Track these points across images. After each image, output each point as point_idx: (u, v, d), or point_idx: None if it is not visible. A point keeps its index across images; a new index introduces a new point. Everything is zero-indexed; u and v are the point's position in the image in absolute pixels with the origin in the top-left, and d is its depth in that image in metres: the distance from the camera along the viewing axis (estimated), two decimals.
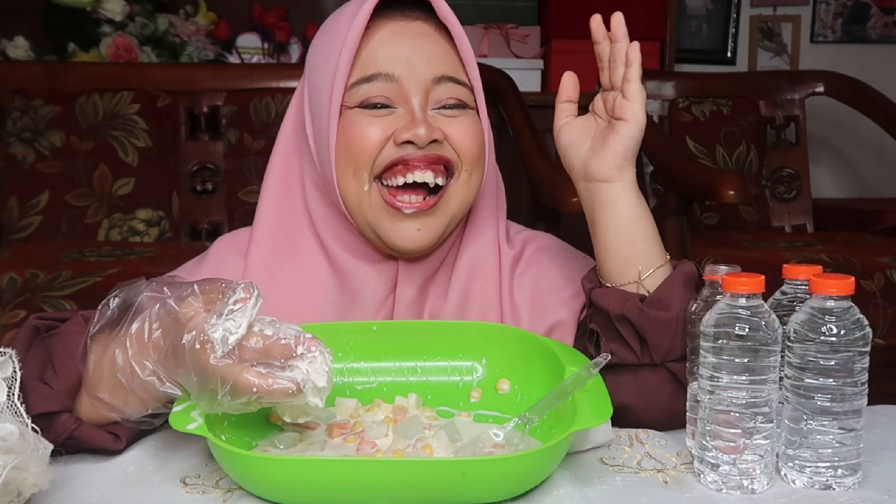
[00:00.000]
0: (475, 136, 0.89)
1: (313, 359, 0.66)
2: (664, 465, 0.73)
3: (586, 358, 0.78)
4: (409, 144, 0.85)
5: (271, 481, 0.63)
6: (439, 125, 0.86)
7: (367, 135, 0.86)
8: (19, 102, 2.20)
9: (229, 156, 2.30)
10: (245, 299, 0.66)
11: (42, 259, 1.82)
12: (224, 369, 0.64)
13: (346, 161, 0.87)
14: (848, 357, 0.66)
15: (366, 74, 0.86)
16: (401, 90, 0.86)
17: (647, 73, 2.75)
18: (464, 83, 0.89)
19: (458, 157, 0.88)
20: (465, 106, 0.89)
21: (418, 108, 0.86)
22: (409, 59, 0.86)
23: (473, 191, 0.90)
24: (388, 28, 0.87)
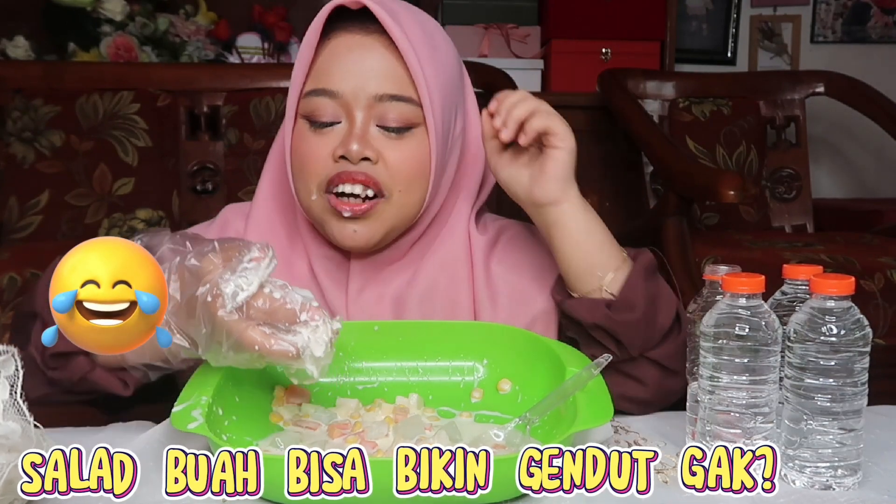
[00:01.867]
0: (413, 160, 0.89)
1: (316, 328, 0.69)
2: (664, 465, 0.73)
3: (587, 358, 0.78)
4: (344, 159, 0.88)
5: (271, 481, 0.63)
6: (378, 146, 0.88)
7: (311, 151, 0.89)
8: (19, 102, 2.20)
9: (229, 156, 2.30)
10: (259, 258, 0.70)
11: (42, 259, 1.82)
12: (231, 324, 0.67)
13: (298, 171, 0.92)
14: (848, 357, 0.66)
15: (314, 87, 0.89)
16: (344, 105, 0.88)
17: (647, 73, 2.77)
18: (410, 100, 0.88)
19: (391, 178, 0.88)
20: (410, 126, 0.89)
21: (359, 124, 0.88)
22: (355, 74, 0.88)
23: (411, 208, 0.91)
24: (344, 41, 0.89)
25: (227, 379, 0.74)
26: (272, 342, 0.68)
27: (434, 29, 0.93)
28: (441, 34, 0.94)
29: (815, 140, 3.00)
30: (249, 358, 0.69)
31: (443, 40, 0.93)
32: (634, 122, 2.36)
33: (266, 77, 2.37)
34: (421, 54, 0.88)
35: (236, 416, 0.73)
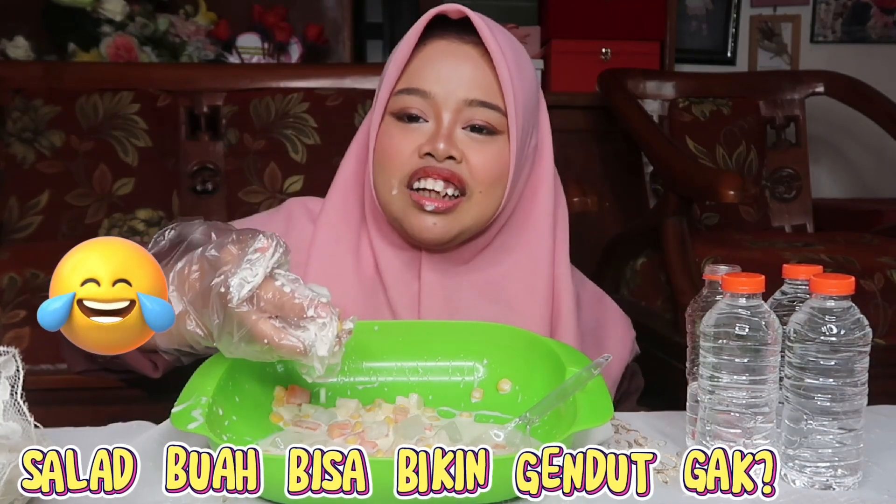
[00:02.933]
0: (495, 163, 0.92)
1: (323, 325, 0.70)
2: (664, 465, 0.73)
3: (587, 359, 0.78)
4: (429, 156, 0.90)
5: (271, 481, 0.63)
6: (463, 146, 0.92)
7: (396, 146, 0.92)
8: (19, 102, 2.20)
9: (229, 156, 2.30)
10: (264, 249, 0.70)
11: (42, 259, 1.82)
12: (241, 315, 0.69)
13: (379, 165, 0.94)
14: (848, 357, 0.66)
15: (406, 86, 0.93)
16: (434, 106, 0.92)
17: (647, 73, 2.77)
18: (497, 108, 0.92)
19: (473, 178, 0.91)
20: (494, 131, 0.92)
21: (446, 125, 0.91)
22: (448, 78, 0.92)
23: (488, 209, 0.94)
24: (439, 47, 0.93)
25: (227, 379, 0.75)
26: (281, 336, 0.69)
27: (522, 51, 0.97)
28: (527, 59, 0.98)
29: (815, 140, 3.00)
30: (260, 350, 0.70)
31: (527, 61, 0.98)
32: (634, 122, 2.36)
33: (266, 77, 2.37)
34: (511, 68, 0.92)
35: (236, 416, 0.73)
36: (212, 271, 0.71)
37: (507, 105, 0.92)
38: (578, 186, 1.85)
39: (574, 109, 2.68)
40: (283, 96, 2.28)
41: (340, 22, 2.83)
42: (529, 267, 0.98)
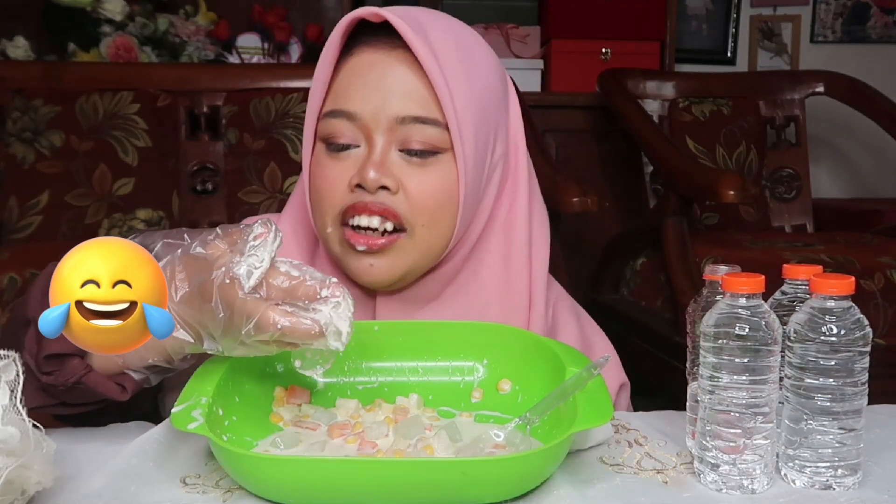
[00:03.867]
0: (438, 189, 0.82)
1: (337, 304, 0.68)
2: (664, 465, 0.73)
3: (587, 358, 0.78)
4: (361, 188, 0.81)
5: (272, 481, 0.63)
6: (400, 173, 0.81)
7: (328, 178, 0.83)
8: (19, 102, 2.20)
9: (229, 156, 2.30)
10: (264, 234, 0.68)
11: (42, 259, 1.81)
12: (251, 304, 0.65)
13: (315, 200, 0.86)
14: (848, 357, 0.66)
15: (333, 108, 0.83)
16: (364, 128, 0.82)
17: (647, 73, 2.77)
18: (436, 123, 0.81)
19: (412, 210, 0.81)
20: (436, 151, 0.81)
21: (378, 150, 0.81)
22: (376, 94, 0.81)
23: (435, 245, 0.84)
24: (365, 58, 0.82)
25: (227, 379, 0.74)
26: (294, 321, 0.65)
27: (473, 43, 0.86)
28: (482, 49, 0.87)
29: (815, 140, 3.00)
30: (269, 339, 0.67)
31: (483, 56, 0.86)
32: (634, 122, 2.36)
33: (266, 77, 2.37)
34: (450, 72, 0.80)
35: (236, 417, 0.73)
36: (201, 269, 0.67)
37: (448, 118, 0.80)
38: (578, 186, 1.85)
39: (574, 109, 2.68)
40: (283, 96, 2.28)
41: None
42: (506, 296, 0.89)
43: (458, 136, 0.81)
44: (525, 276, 0.90)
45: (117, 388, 0.74)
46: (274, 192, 2.23)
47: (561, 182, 1.87)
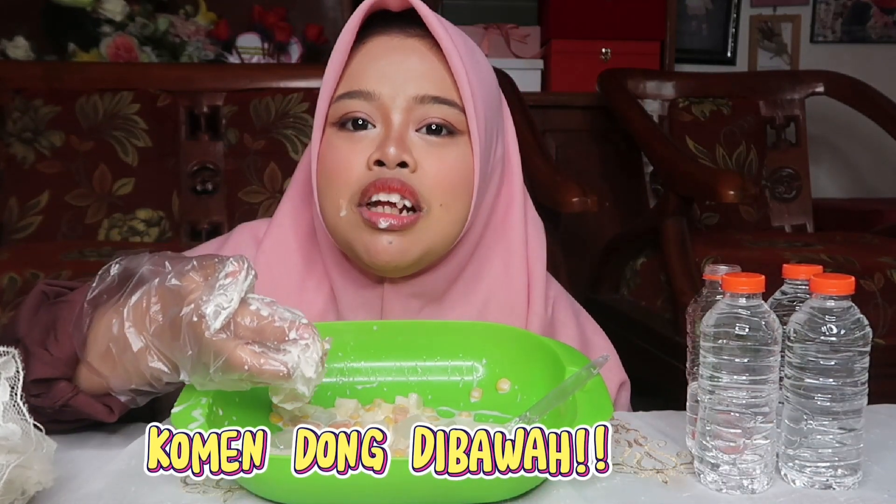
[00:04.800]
0: (456, 169, 0.82)
1: (306, 346, 0.66)
2: (664, 464, 0.73)
3: (586, 358, 0.78)
4: (380, 165, 0.80)
5: (272, 481, 0.63)
6: (418, 153, 0.81)
7: (342, 159, 0.82)
8: (19, 102, 2.20)
9: (229, 156, 2.30)
10: (235, 273, 0.66)
11: (42, 259, 1.83)
12: (218, 344, 0.64)
13: (325, 183, 0.84)
14: (848, 357, 0.66)
15: (348, 90, 0.83)
16: (381, 108, 0.82)
17: (647, 73, 2.77)
18: (454, 104, 0.82)
19: (430, 190, 0.81)
20: (453, 131, 0.82)
21: (396, 127, 0.81)
22: (394, 75, 0.82)
23: (452, 225, 0.84)
24: (380, 43, 0.83)
25: None
26: (262, 362, 0.64)
27: (477, 49, 0.88)
28: (485, 59, 0.89)
29: (815, 140, 3.00)
30: (237, 379, 0.65)
31: (483, 59, 0.88)
32: (634, 122, 2.36)
33: (266, 77, 2.37)
34: (466, 61, 0.82)
35: (236, 416, 0.73)
36: (175, 301, 0.66)
37: (465, 99, 0.81)
38: (578, 186, 1.85)
39: (574, 109, 2.68)
40: (283, 96, 2.28)
41: (340, 22, 2.83)
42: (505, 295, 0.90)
43: (473, 117, 0.82)
44: (523, 274, 0.91)
45: (105, 409, 0.73)
46: (274, 192, 2.23)
47: (561, 182, 1.87)
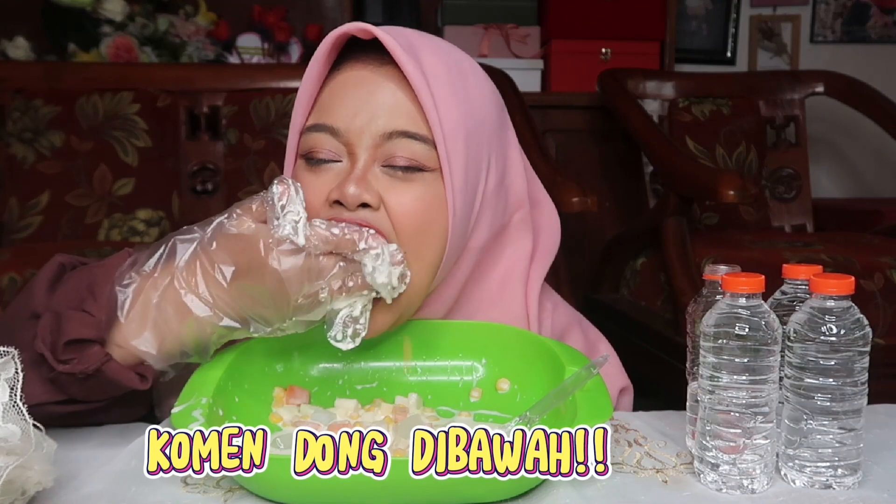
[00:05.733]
0: (421, 205, 0.77)
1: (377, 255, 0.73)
2: (664, 464, 0.73)
3: (586, 358, 0.78)
4: (339, 205, 0.76)
5: (273, 481, 0.63)
6: (383, 189, 0.77)
7: (307, 193, 0.77)
8: (19, 102, 2.20)
9: (229, 156, 2.30)
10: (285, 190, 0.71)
11: (42, 259, 1.81)
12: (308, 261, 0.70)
13: None
14: (848, 357, 0.66)
15: (315, 122, 0.80)
16: (347, 144, 0.78)
17: (647, 73, 2.77)
18: (424, 140, 0.77)
19: (396, 228, 0.76)
20: (422, 168, 0.77)
21: (361, 165, 0.77)
22: (362, 110, 0.77)
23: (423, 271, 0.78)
24: (351, 75, 0.79)
25: (227, 379, 0.74)
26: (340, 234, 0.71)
27: (468, 69, 0.83)
28: (477, 77, 0.83)
29: (815, 140, 3.00)
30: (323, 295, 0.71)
31: (477, 83, 0.83)
32: (634, 122, 2.36)
33: (266, 77, 2.38)
34: (439, 91, 0.77)
35: (236, 417, 0.73)
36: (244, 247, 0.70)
37: (435, 133, 0.76)
38: (578, 186, 1.85)
39: (574, 109, 2.68)
40: (283, 96, 2.28)
41: (340, 22, 2.82)
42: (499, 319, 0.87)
43: (444, 153, 0.77)
44: (521, 295, 0.89)
45: (137, 377, 0.72)
46: None
47: (561, 182, 1.87)
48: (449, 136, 0.77)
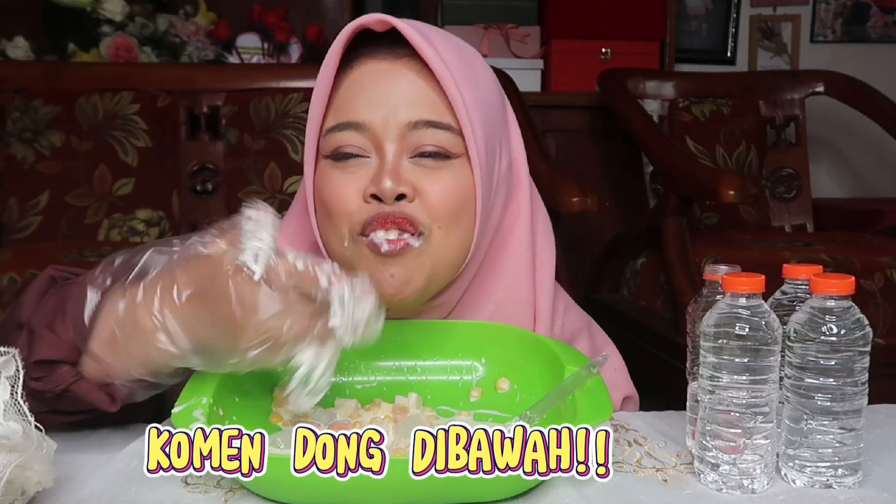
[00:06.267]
0: (455, 192, 0.79)
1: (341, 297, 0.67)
2: (664, 464, 0.73)
3: (586, 357, 0.78)
4: (376, 199, 0.78)
5: (273, 481, 0.63)
6: (414, 179, 0.78)
7: (339, 192, 0.79)
8: (19, 102, 2.20)
9: (229, 156, 2.30)
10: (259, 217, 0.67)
11: (42, 259, 1.82)
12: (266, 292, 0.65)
13: (324, 216, 0.82)
14: (848, 357, 0.66)
15: (337, 122, 0.80)
16: (373, 138, 0.79)
17: (647, 73, 2.77)
18: (449, 128, 0.79)
19: (429, 215, 0.78)
20: (449, 155, 0.79)
21: (391, 158, 0.78)
22: (384, 103, 0.78)
23: (454, 251, 0.81)
24: (369, 69, 0.80)
25: (227, 379, 0.74)
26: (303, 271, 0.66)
27: (472, 55, 0.84)
28: (481, 62, 0.85)
29: (815, 140, 3.00)
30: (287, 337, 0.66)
31: (482, 67, 0.85)
32: (634, 122, 2.36)
33: (266, 77, 2.37)
34: (458, 77, 0.78)
35: (236, 417, 0.73)
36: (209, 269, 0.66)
37: (461, 121, 0.78)
38: (578, 186, 1.85)
39: (574, 109, 2.68)
40: (283, 96, 2.28)
41: (340, 22, 2.83)
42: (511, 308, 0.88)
43: (471, 138, 0.78)
44: (530, 289, 0.89)
45: (107, 398, 0.71)
46: (274, 192, 2.23)
47: (561, 182, 1.87)
48: (473, 122, 0.79)
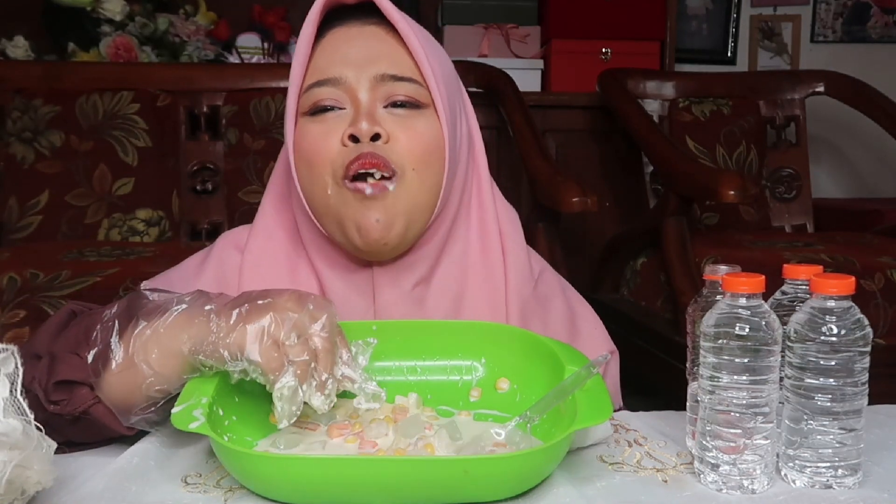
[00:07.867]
0: (424, 136, 0.86)
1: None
2: (664, 464, 0.73)
3: (586, 357, 0.78)
4: (354, 140, 0.84)
5: (273, 480, 0.64)
6: (386, 125, 0.85)
7: (319, 141, 0.85)
8: (19, 102, 2.20)
9: (229, 156, 2.30)
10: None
11: (42, 259, 1.82)
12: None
13: (306, 169, 0.87)
14: (848, 357, 0.66)
15: (314, 80, 0.87)
16: (348, 90, 0.86)
17: (647, 73, 2.77)
18: (415, 81, 0.86)
19: (403, 157, 0.85)
20: (419, 105, 0.86)
21: (365, 104, 0.85)
22: (356, 59, 0.86)
23: (427, 193, 0.86)
24: (340, 34, 0.88)
25: (226, 379, 0.74)
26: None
27: (432, 37, 0.93)
28: (441, 48, 0.94)
29: (815, 140, 3.00)
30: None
31: (442, 51, 0.93)
32: (634, 122, 2.36)
33: (266, 77, 2.37)
34: (422, 41, 0.87)
35: (236, 416, 0.73)
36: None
37: (426, 75, 0.86)
38: (578, 186, 1.85)
39: (574, 109, 2.68)
40: (284, 96, 2.27)
41: None
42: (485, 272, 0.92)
43: (436, 90, 0.86)
44: (498, 251, 0.93)
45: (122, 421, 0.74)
46: None
47: (561, 182, 1.87)
48: (437, 80, 0.87)
